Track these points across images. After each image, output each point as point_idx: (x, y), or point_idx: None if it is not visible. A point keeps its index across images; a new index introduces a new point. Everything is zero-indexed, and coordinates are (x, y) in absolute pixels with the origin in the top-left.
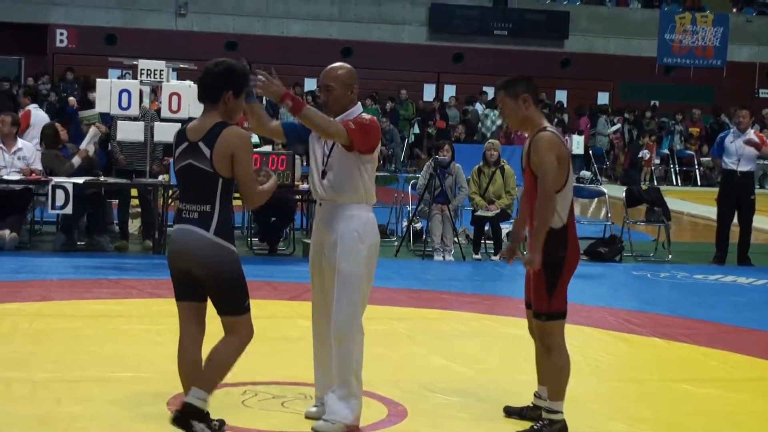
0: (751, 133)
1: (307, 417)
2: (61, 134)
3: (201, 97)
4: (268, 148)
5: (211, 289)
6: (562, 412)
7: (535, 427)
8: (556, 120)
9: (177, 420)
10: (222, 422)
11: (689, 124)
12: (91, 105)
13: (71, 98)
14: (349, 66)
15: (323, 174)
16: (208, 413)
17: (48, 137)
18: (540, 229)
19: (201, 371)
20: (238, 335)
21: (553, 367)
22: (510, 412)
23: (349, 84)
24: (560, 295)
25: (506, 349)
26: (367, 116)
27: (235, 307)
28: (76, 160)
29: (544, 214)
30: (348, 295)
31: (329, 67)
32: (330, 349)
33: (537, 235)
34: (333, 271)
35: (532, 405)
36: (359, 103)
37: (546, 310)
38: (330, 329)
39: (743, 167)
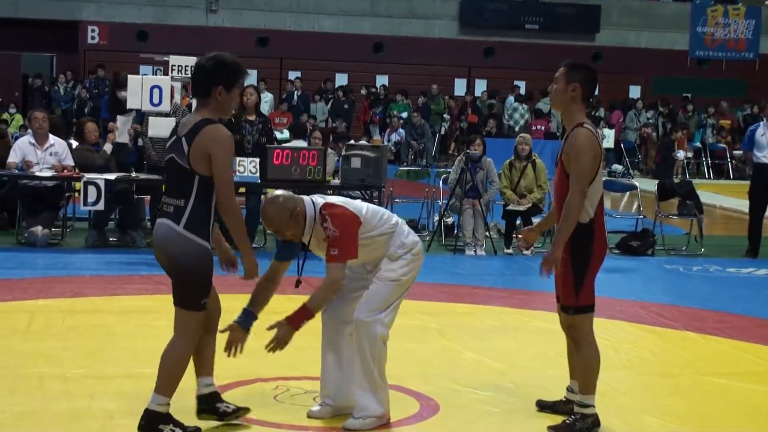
0: None
1: (310, 416)
2: (90, 133)
3: (193, 92)
4: (300, 143)
5: (173, 278)
6: (593, 406)
7: (567, 421)
8: (594, 113)
9: (143, 428)
10: (197, 429)
11: (720, 117)
12: (119, 104)
13: (111, 123)
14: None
15: None
16: (170, 414)
17: (79, 133)
18: (566, 226)
19: (204, 358)
20: (185, 335)
21: (582, 360)
22: (543, 406)
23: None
24: (588, 289)
25: (538, 343)
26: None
27: (188, 300)
28: (108, 147)
29: (573, 211)
30: (378, 292)
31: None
32: (337, 352)
33: (562, 231)
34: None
35: (564, 399)
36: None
37: (573, 304)
38: (341, 333)
39: None
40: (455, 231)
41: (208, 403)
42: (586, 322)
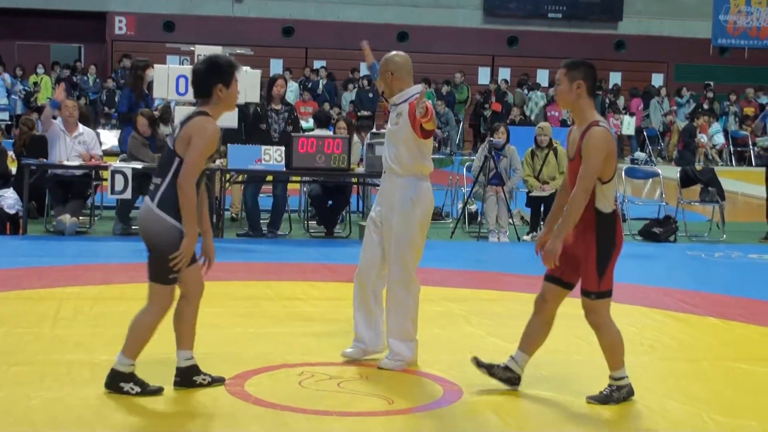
0: None
1: (345, 356)
2: (143, 126)
3: (195, 95)
4: (324, 131)
5: (148, 253)
6: (626, 377)
7: (604, 392)
8: (608, 102)
9: (108, 385)
10: (159, 388)
11: (744, 105)
12: (145, 86)
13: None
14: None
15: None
16: (132, 374)
17: (139, 123)
18: (569, 221)
19: (183, 330)
20: (157, 305)
21: (605, 344)
22: (479, 363)
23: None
24: (609, 275)
25: (563, 329)
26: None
27: (157, 274)
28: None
29: (576, 207)
30: (403, 250)
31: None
32: (367, 307)
33: (565, 225)
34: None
35: (503, 365)
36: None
37: (596, 289)
38: (374, 278)
39: None
40: (479, 218)
41: (185, 377)
42: (606, 306)
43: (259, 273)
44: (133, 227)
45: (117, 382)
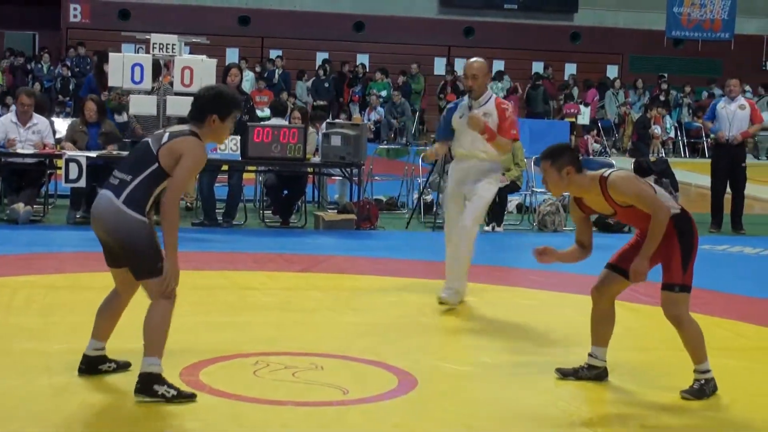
0: (742, 100)
1: (442, 302)
2: (89, 111)
3: (189, 116)
4: (279, 121)
5: (121, 254)
6: (710, 370)
7: (695, 386)
8: (563, 95)
9: (140, 391)
10: (193, 394)
11: (698, 105)
12: (106, 78)
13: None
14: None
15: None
16: (162, 376)
17: (79, 110)
18: (652, 243)
19: (104, 323)
20: (161, 298)
21: (688, 337)
22: (565, 373)
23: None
24: (691, 271)
25: (514, 318)
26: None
27: (146, 269)
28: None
29: (659, 231)
30: (478, 206)
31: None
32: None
33: (651, 244)
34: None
35: (586, 365)
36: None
37: (680, 282)
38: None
39: (734, 134)
40: (434, 208)
41: (90, 365)
42: (687, 300)
43: (214, 262)
44: (77, 217)
45: (150, 385)
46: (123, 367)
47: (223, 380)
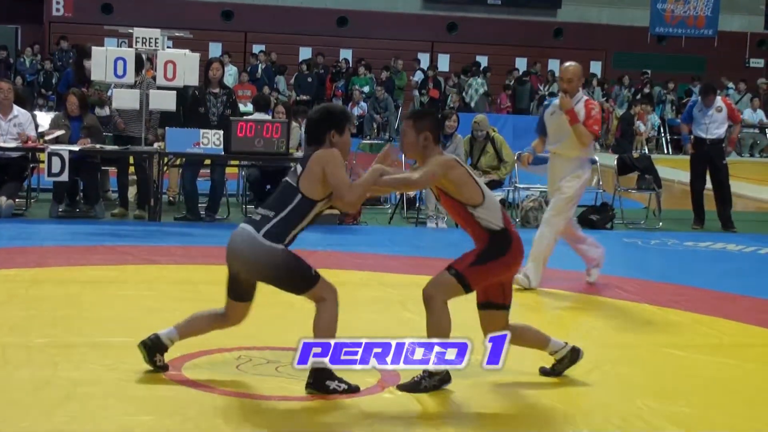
0: (719, 102)
1: (518, 282)
2: (71, 105)
3: (308, 142)
4: (263, 116)
5: (269, 283)
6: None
7: (415, 379)
8: (548, 89)
9: (312, 386)
10: (357, 387)
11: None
12: (84, 73)
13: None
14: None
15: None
16: (332, 371)
17: (69, 101)
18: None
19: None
20: (324, 300)
21: (432, 324)
22: (545, 372)
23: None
24: (480, 277)
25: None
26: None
27: (302, 284)
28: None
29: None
30: (560, 199)
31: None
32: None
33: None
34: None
35: (557, 362)
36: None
37: (460, 268)
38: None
39: (712, 135)
40: (417, 204)
41: (155, 347)
42: (452, 290)
43: (197, 257)
44: (60, 211)
45: (323, 380)
46: (162, 368)
47: (206, 374)
